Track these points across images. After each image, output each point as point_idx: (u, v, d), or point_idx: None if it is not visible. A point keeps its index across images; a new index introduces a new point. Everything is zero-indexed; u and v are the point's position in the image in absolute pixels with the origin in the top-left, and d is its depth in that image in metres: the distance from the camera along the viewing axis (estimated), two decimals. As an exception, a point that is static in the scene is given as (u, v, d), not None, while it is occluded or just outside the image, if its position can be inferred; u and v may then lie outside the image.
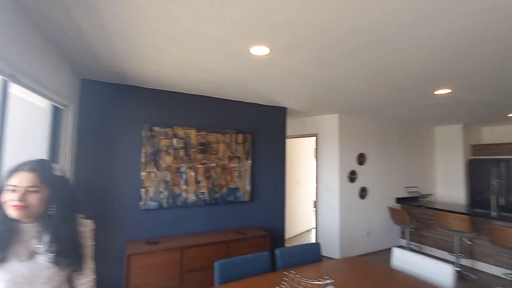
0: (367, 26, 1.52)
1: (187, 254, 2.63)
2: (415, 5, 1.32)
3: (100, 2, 1.34)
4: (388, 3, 1.30)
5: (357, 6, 1.33)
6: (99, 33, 1.66)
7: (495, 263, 3.60)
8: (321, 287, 1.63)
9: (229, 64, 2.17)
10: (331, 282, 1.65)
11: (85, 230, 1.17)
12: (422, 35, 1.63)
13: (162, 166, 2.89)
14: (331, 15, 1.41)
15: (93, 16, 1.47)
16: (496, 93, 2.97)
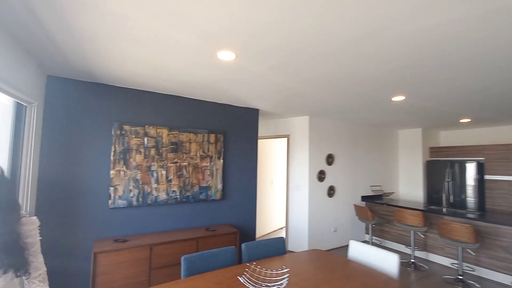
0: (325, 38, 1.68)
1: (156, 251, 2.67)
2: (362, 22, 1.49)
3: (62, 2, 1.37)
4: (341, 19, 1.47)
5: (317, 20, 1.48)
6: (64, 32, 1.68)
7: (444, 254, 3.98)
8: (278, 276, 1.77)
9: (197, 67, 2.25)
10: (287, 271, 1.80)
11: (30, 229, 1.19)
12: (373, 48, 1.83)
13: (132, 165, 2.90)
14: (294, 27, 1.55)
15: (57, 15, 1.49)
16: (446, 102, 3.32)
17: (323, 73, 2.33)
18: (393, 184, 5.96)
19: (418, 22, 1.48)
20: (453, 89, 2.77)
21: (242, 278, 1.75)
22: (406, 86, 2.72)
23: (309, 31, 1.59)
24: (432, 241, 4.12)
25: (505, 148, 4.76)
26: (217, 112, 3.55)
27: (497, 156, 4.84)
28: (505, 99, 3.13)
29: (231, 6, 1.36)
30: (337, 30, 1.59)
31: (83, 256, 2.62)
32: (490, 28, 1.54)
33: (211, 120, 3.50)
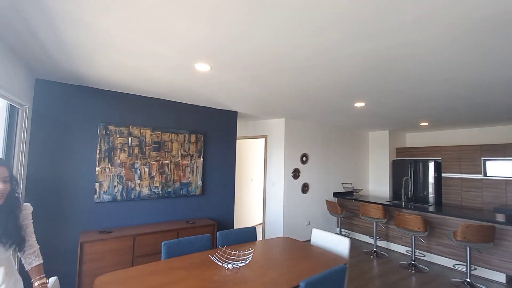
0: (282, 55, 2.02)
1: (139, 241, 2.93)
2: (310, 45, 1.84)
3: (56, 19, 1.63)
4: (291, 43, 1.81)
5: (276, 39, 1.81)
6: (56, 43, 1.91)
7: (402, 243, 4.47)
8: (243, 255, 2.10)
9: (177, 76, 2.54)
10: (252, 251, 2.13)
11: (27, 213, 1.48)
12: (324, 65, 2.18)
13: (116, 162, 3.13)
14: (258, 43, 1.87)
15: (51, 30, 1.74)
16: (402, 109, 3.77)
17: (285, 83, 2.68)
18: (364, 182, 6.46)
19: (354, 47, 1.85)
20: (407, 97, 3.20)
21: (213, 257, 2.07)
22: (365, 95, 3.12)
23: (267, 49, 1.93)
24: (392, 232, 4.61)
25: (458, 149, 5.34)
26: (198, 114, 3.84)
27: (452, 156, 5.42)
28: (453, 107, 3.62)
29: (204, 28, 1.66)
30: (290, 50, 1.93)
31: (70, 246, 2.83)
32: (424, 50, 1.94)
33: (192, 121, 3.78)
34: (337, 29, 1.59)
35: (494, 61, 2.04)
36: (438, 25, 1.53)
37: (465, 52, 1.88)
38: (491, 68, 2.18)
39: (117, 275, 1.84)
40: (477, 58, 1.98)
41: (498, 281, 3.49)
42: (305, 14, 1.44)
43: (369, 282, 3.40)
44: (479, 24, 1.51)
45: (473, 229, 3.24)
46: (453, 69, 2.22)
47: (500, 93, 2.92)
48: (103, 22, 1.59)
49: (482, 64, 2.10)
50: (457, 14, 1.41)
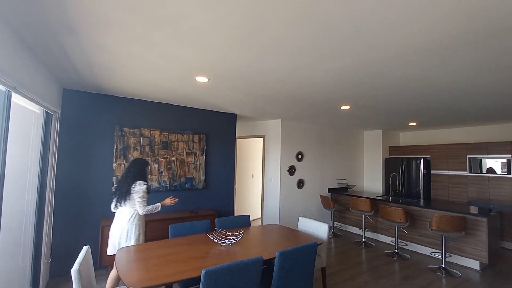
0: (265, 70, 2.46)
1: (150, 227, 3.42)
2: (292, 61, 2.27)
3: (86, 47, 2.11)
4: (277, 58, 2.24)
5: (258, 59, 2.25)
6: (85, 63, 2.40)
7: (388, 234, 4.85)
8: (234, 235, 2.55)
9: (181, 87, 3.01)
10: (242, 232, 2.58)
11: (136, 189, 2.57)
12: (306, 75, 2.61)
13: (130, 159, 3.63)
14: (244, 62, 2.31)
15: (81, 53, 2.23)
16: (385, 111, 4.15)
17: (274, 91, 3.11)
18: (358, 178, 6.83)
19: (327, 65, 2.27)
20: (386, 102, 3.58)
21: (211, 236, 2.53)
22: (347, 99, 3.52)
23: (254, 66, 2.37)
24: (380, 223, 4.99)
25: (445, 147, 5.67)
26: (201, 117, 4.31)
27: (440, 154, 5.75)
28: (436, 108, 3.98)
29: (198, 51, 2.12)
30: (273, 67, 2.37)
31: (92, 231, 3.35)
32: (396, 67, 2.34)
33: (195, 123, 4.25)
34: (311, 52, 2.02)
35: (449, 73, 2.43)
36: (393, 48, 1.94)
37: (418, 67, 2.28)
38: (445, 78, 2.57)
39: (134, 247, 2.32)
40: (430, 70, 2.38)
41: (472, 268, 3.85)
42: (281, 41, 1.88)
43: (352, 267, 3.81)
44: (420, 48, 1.91)
45: (445, 220, 3.61)
46: (415, 80, 2.62)
47: (466, 96, 3.28)
48: (124, 48, 2.06)
49: (438, 75, 2.49)
50: (402, 39, 1.82)
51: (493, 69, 2.30)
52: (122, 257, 2.10)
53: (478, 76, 2.47)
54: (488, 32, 1.64)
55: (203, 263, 2.03)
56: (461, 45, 1.82)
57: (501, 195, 4.87)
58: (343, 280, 3.38)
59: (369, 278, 3.45)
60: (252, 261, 1.84)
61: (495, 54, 1.98)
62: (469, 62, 2.15)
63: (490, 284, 3.37)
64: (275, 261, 2.07)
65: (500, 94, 3.12)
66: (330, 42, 1.83)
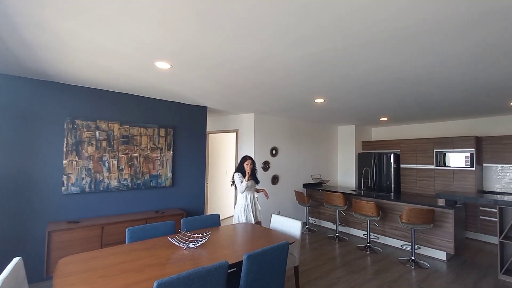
0: (239, 56, 2.23)
1: (108, 230, 3.08)
2: (261, 48, 2.07)
3: (19, 23, 1.75)
4: (245, 44, 2.02)
5: (225, 44, 2.02)
6: (20, 43, 2.02)
7: (361, 228, 4.87)
8: (200, 237, 2.32)
9: (140, 74, 2.69)
10: (208, 233, 2.36)
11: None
12: (277, 64, 2.42)
13: (84, 155, 3.24)
14: (210, 47, 2.07)
15: (15, 32, 1.85)
16: (359, 106, 4.10)
17: (244, 81, 2.90)
18: (333, 173, 6.86)
19: (295, 52, 2.09)
20: (358, 96, 3.51)
21: (172, 239, 2.27)
22: (321, 92, 3.40)
23: (221, 52, 2.13)
24: (352, 218, 5.00)
25: (413, 142, 5.83)
26: (167, 109, 3.98)
27: (409, 149, 5.90)
28: (407, 104, 3.99)
29: (157, 32, 1.84)
30: (242, 54, 2.15)
31: (38, 236, 2.93)
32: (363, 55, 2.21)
33: (161, 116, 3.91)
34: (283, 37, 1.82)
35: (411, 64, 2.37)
36: (369, 32, 1.80)
37: (393, 56, 2.18)
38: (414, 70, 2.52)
39: (80, 256, 2.00)
40: (406, 61, 2.29)
41: (439, 258, 3.95)
42: (251, 23, 1.66)
43: (326, 262, 3.74)
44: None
45: (415, 212, 3.65)
46: (389, 72, 2.53)
47: (438, 92, 3.30)
48: (66, 24, 1.72)
49: (403, 65, 2.42)
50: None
51: (470, 62, 2.27)
52: (62, 268, 1.79)
53: (454, 68, 2.43)
54: (466, 19, 1.55)
55: (161, 272, 1.78)
56: (439, 33, 1.73)
57: (465, 187, 5.09)
58: (316, 277, 3.28)
59: (342, 274, 3.39)
60: (215, 267, 1.63)
61: (473, 45, 1.92)
62: (447, 53, 2.09)
63: (457, 274, 3.46)
64: (242, 264, 1.87)
65: (470, 90, 3.17)
66: (304, 26, 1.65)
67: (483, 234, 4.85)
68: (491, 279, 3.31)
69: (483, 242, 4.76)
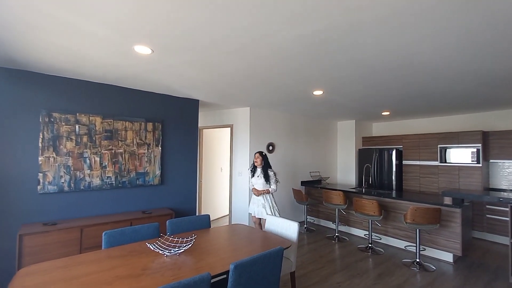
0: (226, 36, 1.96)
1: (87, 233, 2.82)
2: (252, 25, 1.80)
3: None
4: (234, 20, 1.75)
5: (211, 21, 1.75)
6: (-29, 20, 1.74)
7: (362, 227, 4.64)
8: (185, 242, 2.07)
9: (118, 60, 2.41)
10: (193, 238, 2.11)
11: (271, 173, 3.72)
12: (271, 46, 2.15)
13: (62, 151, 2.97)
14: (193, 25, 1.80)
15: (-41, 6, 1.58)
16: (360, 97, 3.84)
17: (234, 68, 2.63)
18: (332, 170, 6.61)
19: (292, 31, 1.83)
20: (360, 86, 3.25)
21: (152, 245, 2.02)
22: (320, 82, 3.13)
23: (206, 31, 1.86)
24: (353, 217, 4.76)
25: (417, 137, 5.58)
26: (155, 102, 3.70)
27: (412, 144, 5.66)
28: (411, 96, 3.73)
29: (133, 7, 1.57)
30: (230, 33, 1.88)
31: (9, 240, 2.67)
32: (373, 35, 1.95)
33: (149, 109, 3.64)
34: (277, 13, 1.56)
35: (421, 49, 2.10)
36: (374, 8, 1.53)
37: (399, 39, 1.91)
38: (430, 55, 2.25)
39: (42, 266, 1.75)
40: (413, 44, 2.03)
41: (445, 260, 3.72)
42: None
43: (325, 265, 3.51)
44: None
45: (421, 212, 3.41)
46: (394, 59, 2.27)
47: (445, 81, 3.04)
48: (30, 1, 1.45)
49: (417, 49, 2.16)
50: None
51: (480, 45, 2.01)
52: (17, 281, 1.53)
53: (464, 54, 2.17)
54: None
55: (133, 285, 1.53)
56: (454, 7, 1.47)
57: (470, 185, 4.85)
58: (314, 282, 3.04)
59: (343, 279, 3.15)
60: (194, 281, 1.38)
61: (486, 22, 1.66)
62: (462, 31, 1.82)
63: (465, 277, 3.23)
64: (229, 275, 1.62)
65: (478, 80, 2.91)
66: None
67: (490, 233, 4.63)
68: (502, 283, 3.08)
69: (490, 242, 4.54)
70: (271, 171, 3.74)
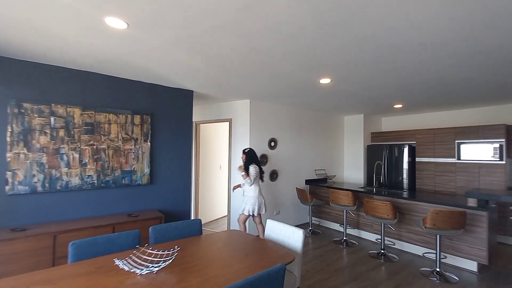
0: (218, 4, 1.57)
1: (62, 240, 2.47)
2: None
3: None
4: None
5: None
6: None
7: (373, 231, 4.23)
8: (164, 256, 1.70)
9: (91, 38, 2.03)
10: (176, 250, 1.74)
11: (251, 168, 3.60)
12: (265, 20, 1.76)
13: (35, 147, 2.62)
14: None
15: None
16: (371, 86, 3.42)
17: (228, 49, 2.23)
18: (339, 168, 6.20)
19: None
20: (374, 73, 2.84)
21: (121, 260, 1.65)
22: (328, 68, 2.73)
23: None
24: (363, 219, 4.36)
25: (432, 132, 5.13)
26: (143, 92, 3.33)
27: (426, 140, 5.22)
28: (428, 86, 3.31)
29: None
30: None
31: (-29, 248, 2.33)
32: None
33: (136, 100, 3.27)
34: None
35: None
36: None
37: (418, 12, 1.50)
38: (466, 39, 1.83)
39: (-19, 289, 1.39)
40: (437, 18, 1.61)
41: (469, 269, 3.31)
42: None
43: (333, 275, 3.12)
44: None
45: (443, 215, 3.00)
46: (416, 38, 1.86)
47: (472, 68, 2.61)
48: None
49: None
50: None
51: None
52: None
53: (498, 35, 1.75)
54: None
55: (87, 320, 1.16)
56: None
57: (492, 184, 4.41)
58: (322, 296, 2.66)
59: (354, 292, 2.77)
60: (163, 320, 1.00)
61: None
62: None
63: (495, 291, 2.82)
64: (214, 306, 1.24)
65: (508, 67, 2.48)
66: None
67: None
68: (539, 299, 2.67)
69: (515, 247, 4.11)
70: (252, 166, 3.66)
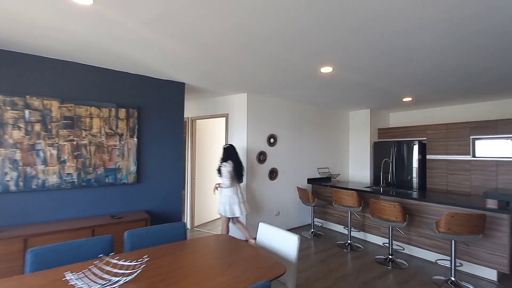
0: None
1: (34, 244, 2.25)
2: None
3: None
4: None
5: None
6: None
7: (380, 234, 3.92)
8: (133, 267, 1.45)
9: (53, 16, 1.79)
10: (144, 261, 1.48)
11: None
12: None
13: (8, 142, 2.41)
14: None
15: None
16: (377, 75, 3.11)
17: (217, 38, 1.97)
18: (343, 166, 5.88)
19: None
20: (380, 58, 2.53)
21: (76, 274, 1.41)
22: (329, 54, 2.43)
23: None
24: (369, 221, 4.05)
25: (445, 127, 4.77)
26: (129, 84, 3.10)
27: (438, 136, 4.86)
28: (440, 78, 2.98)
29: None
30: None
31: None
32: None
33: (121, 93, 3.04)
34: None
35: None
36: None
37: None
38: None
39: None
40: None
41: (487, 279, 2.98)
42: None
43: (336, 283, 2.83)
44: None
45: (459, 219, 2.67)
46: (424, 20, 1.55)
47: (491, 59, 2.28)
48: None
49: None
50: None
51: None
52: None
53: None
54: None
55: None
56: None
57: (511, 183, 4.04)
58: (322, 309, 2.38)
59: (358, 303, 2.47)
60: None
61: None
62: None
63: (520, 305, 2.49)
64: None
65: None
66: None
67: (537, 242, 3.82)
68: None
69: (538, 253, 3.73)
70: (224, 166, 3.50)
